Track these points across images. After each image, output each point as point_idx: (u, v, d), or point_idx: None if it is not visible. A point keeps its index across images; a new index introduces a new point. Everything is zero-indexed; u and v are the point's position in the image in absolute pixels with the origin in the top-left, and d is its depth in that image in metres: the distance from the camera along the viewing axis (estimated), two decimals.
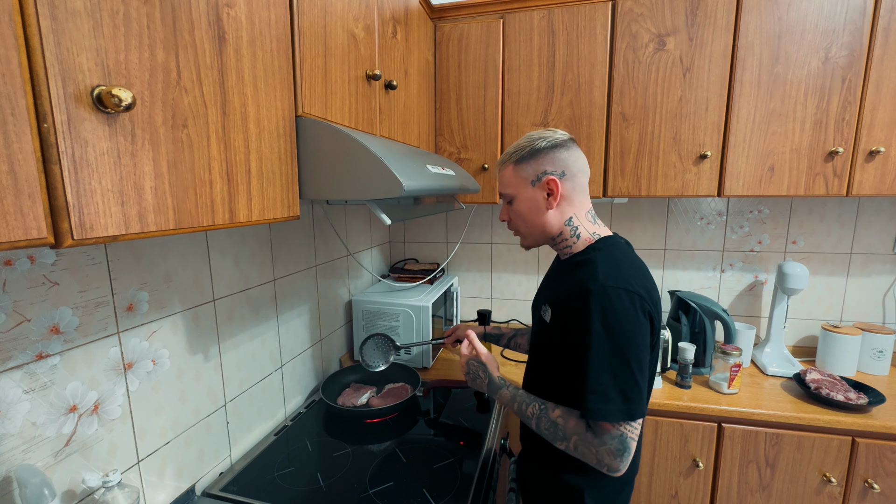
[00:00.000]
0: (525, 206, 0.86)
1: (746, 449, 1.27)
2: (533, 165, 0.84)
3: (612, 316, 0.72)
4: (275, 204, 0.70)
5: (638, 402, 0.73)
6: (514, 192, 0.87)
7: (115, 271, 0.75)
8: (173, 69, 0.50)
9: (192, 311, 0.91)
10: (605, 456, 0.73)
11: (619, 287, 0.74)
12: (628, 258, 0.82)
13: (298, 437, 1.13)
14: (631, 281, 0.75)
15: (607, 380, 0.72)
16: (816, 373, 1.34)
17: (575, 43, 1.37)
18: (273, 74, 0.68)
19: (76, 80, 0.40)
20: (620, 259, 0.81)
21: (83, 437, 0.71)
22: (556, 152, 0.83)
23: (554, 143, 0.83)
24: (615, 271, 0.77)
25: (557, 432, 0.79)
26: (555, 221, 0.86)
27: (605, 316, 0.72)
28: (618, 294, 0.73)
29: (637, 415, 0.73)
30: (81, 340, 0.70)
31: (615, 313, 0.72)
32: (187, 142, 0.53)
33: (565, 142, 0.84)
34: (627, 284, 0.74)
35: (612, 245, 0.83)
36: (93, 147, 0.42)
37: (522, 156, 0.85)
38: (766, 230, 1.65)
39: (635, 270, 0.79)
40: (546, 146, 0.83)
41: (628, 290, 0.74)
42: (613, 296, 0.73)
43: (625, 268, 0.78)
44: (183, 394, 0.90)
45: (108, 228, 0.44)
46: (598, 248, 0.83)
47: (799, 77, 1.25)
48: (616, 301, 0.73)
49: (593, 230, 0.86)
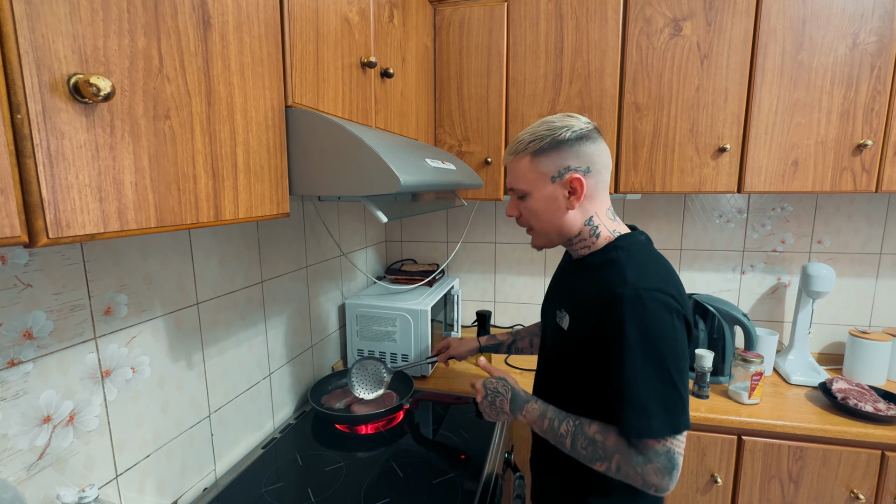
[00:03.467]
0: (541, 205, 0.83)
1: (768, 463, 1.27)
2: (555, 159, 0.79)
3: (647, 322, 0.71)
4: (263, 200, 0.70)
5: (682, 414, 0.71)
6: (529, 188, 0.83)
7: (92, 272, 0.75)
8: (155, 56, 0.50)
9: (175, 315, 0.92)
10: (651, 475, 0.71)
11: (652, 289, 0.72)
12: (655, 257, 0.81)
13: (288, 450, 1.13)
14: (662, 282, 0.74)
15: (647, 393, 0.70)
16: (843, 382, 1.34)
17: (584, 28, 1.37)
18: (261, 62, 0.68)
19: (51, 67, 0.40)
20: (648, 258, 0.79)
21: (58, 449, 0.71)
22: (581, 145, 0.79)
23: (580, 133, 0.79)
24: (645, 272, 0.75)
25: (597, 452, 0.75)
26: (575, 222, 0.82)
27: (640, 323, 0.71)
28: (652, 297, 0.71)
29: (682, 427, 0.71)
30: (56, 346, 0.71)
31: (651, 319, 0.71)
32: (170, 134, 0.53)
33: (591, 132, 0.80)
34: (660, 286, 0.73)
35: (634, 243, 0.81)
36: (69, 139, 0.42)
37: (542, 147, 0.80)
38: (789, 229, 1.65)
39: (664, 270, 0.78)
40: (571, 137, 0.79)
41: (662, 293, 0.72)
42: (647, 299, 0.71)
43: (654, 268, 0.77)
44: (164, 404, 0.90)
45: (86, 226, 0.44)
46: (621, 246, 0.80)
47: (825, 65, 1.25)
48: (651, 305, 0.71)
49: (613, 227, 0.84)
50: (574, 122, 0.80)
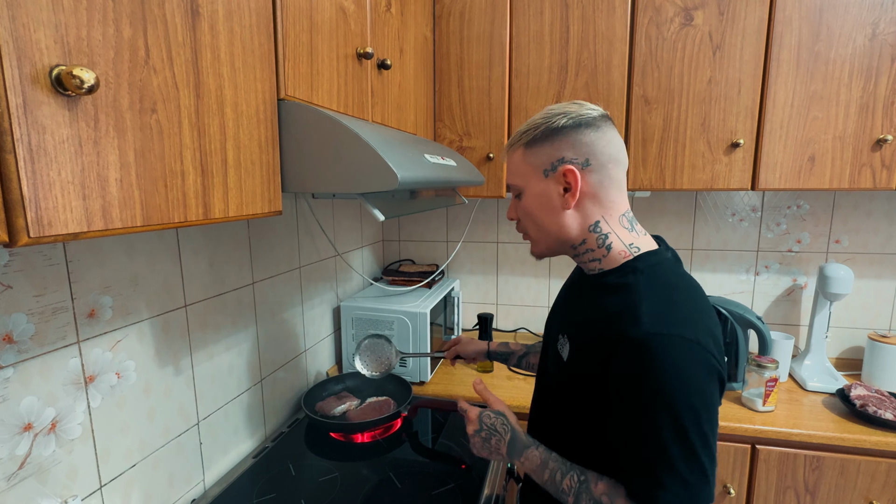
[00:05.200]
0: (534, 203, 0.75)
1: (783, 473, 1.27)
2: (547, 149, 0.72)
3: (663, 376, 0.61)
4: (254, 198, 0.70)
5: (702, 488, 0.62)
6: (522, 183, 0.76)
7: (75, 273, 0.75)
8: (141, 47, 0.50)
9: (162, 318, 0.92)
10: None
11: (674, 335, 0.62)
12: (682, 285, 0.70)
13: (280, 459, 1.13)
14: (689, 323, 0.64)
15: (660, 461, 0.62)
16: (862, 388, 1.34)
17: (591, 17, 1.37)
18: (253, 52, 0.68)
19: (33, 58, 0.40)
20: (672, 289, 0.68)
21: (39, 458, 0.71)
22: (579, 133, 0.70)
23: (578, 120, 0.71)
24: (667, 309, 0.65)
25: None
26: (574, 225, 0.74)
27: (656, 376, 0.61)
28: (672, 345, 0.62)
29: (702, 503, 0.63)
30: (37, 350, 0.70)
31: (669, 372, 0.61)
32: (157, 128, 0.53)
33: (594, 119, 0.71)
34: (684, 330, 0.63)
35: (657, 265, 0.71)
36: (51, 134, 0.42)
37: (535, 136, 0.73)
38: (805, 228, 1.65)
39: (694, 306, 0.67)
40: (567, 124, 0.71)
41: (686, 340, 0.62)
42: (667, 347, 0.62)
43: (680, 302, 0.67)
44: (151, 411, 0.90)
45: (69, 225, 0.44)
46: (639, 268, 0.70)
47: (843, 56, 1.25)
48: (670, 355, 0.61)
49: (630, 240, 0.73)
50: (576, 108, 0.73)
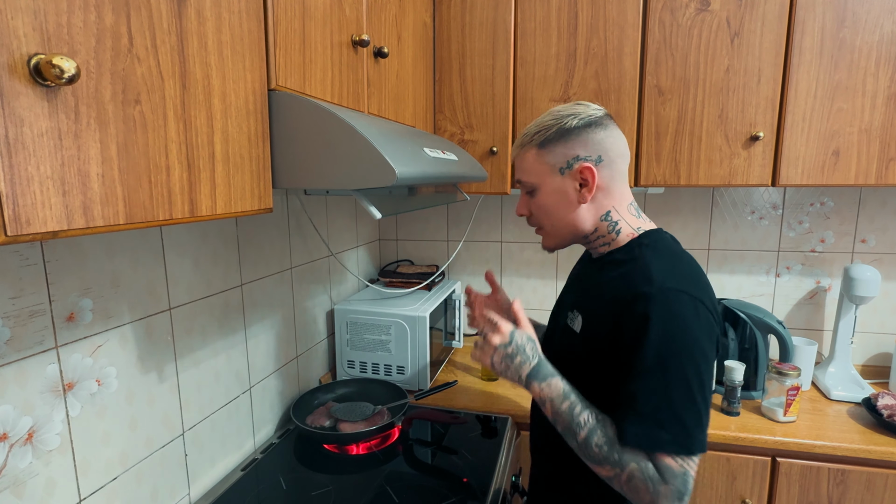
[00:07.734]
0: (551, 200, 0.85)
1: (806, 488, 1.27)
2: (561, 149, 0.83)
3: (672, 326, 0.71)
4: (243, 194, 0.70)
5: (698, 434, 0.71)
6: (537, 181, 0.86)
7: (53, 274, 0.76)
8: (124, 34, 0.51)
9: (145, 322, 0.92)
10: (662, 498, 0.70)
11: (682, 291, 0.73)
12: (684, 256, 0.82)
13: (270, 472, 1.14)
14: (694, 285, 0.75)
15: (661, 402, 0.71)
16: (890, 397, 1.34)
17: (601, 2, 1.38)
18: (242, 40, 0.68)
19: (10, 47, 0.41)
20: (676, 257, 0.80)
21: (15, 471, 0.72)
22: (590, 132, 0.82)
23: (588, 120, 0.82)
24: (673, 270, 0.76)
25: (612, 455, 0.74)
26: (588, 217, 0.85)
27: (665, 325, 0.71)
28: (680, 299, 0.72)
29: (697, 448, 0.71)
30: (13, 356, 0.71)
31: (678, 322, 0.71)
32: (140, 120, 0.53)
33: (601, 119, 0.83)
34: (690, 288, 0.73)
35: (661, 240, 0.83)
36: (29, 127, 0.42)
37: (548, 137, 0.83)
38: (829, 226, 1.65)
39: (695, 272, 0.79)
40: (578, 125, 0.82)
41: (692, 297, 0.73)
42: (675, 301, 0.72)
43: (683, 267, 0.78)
44: (133, 420, 0.91)
45: (48, 223, 0.44)
46: (645, 242, 0.82)
47: (869, 43, 1.26)
48: (679, 308, 0.72)
49: (637, 224, 0.86)
50: (582, 109, 0.84)
